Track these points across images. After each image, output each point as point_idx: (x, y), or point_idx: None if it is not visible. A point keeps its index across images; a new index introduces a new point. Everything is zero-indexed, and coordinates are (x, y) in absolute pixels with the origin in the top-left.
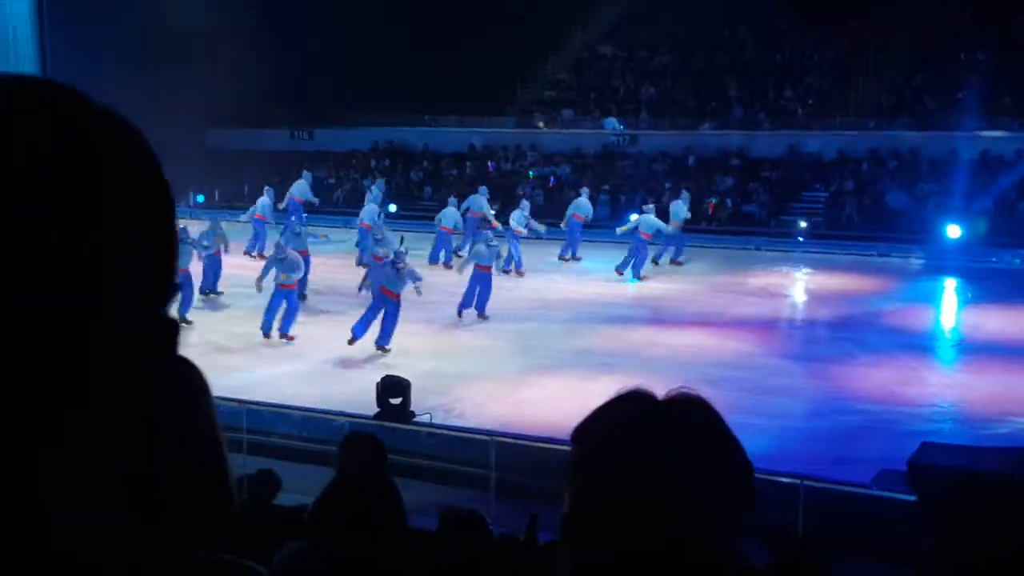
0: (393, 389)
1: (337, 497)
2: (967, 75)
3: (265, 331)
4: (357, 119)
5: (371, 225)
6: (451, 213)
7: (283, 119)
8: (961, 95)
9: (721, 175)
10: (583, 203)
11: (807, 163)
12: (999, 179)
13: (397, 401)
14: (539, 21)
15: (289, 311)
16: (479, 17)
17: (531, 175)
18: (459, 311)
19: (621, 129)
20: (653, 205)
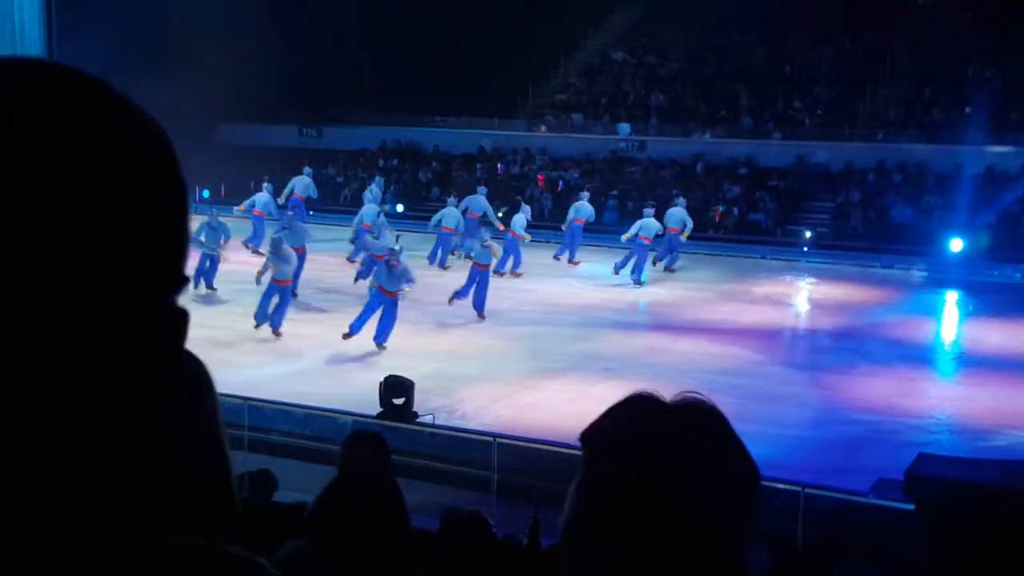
0: (396, 389)
1: (339, 496)
2: (976, 90)
3: (258, 321)
4: (366, 118)
5: (371, 225)
6: (452, 213)
7: (292, 116)
8: (969, 110)
9: (729, 183)
10: (584, 206)
11: (814, 174)
12: (1003, 194)
13: (400, 401)
14: (552, 26)
15: (280, 306)
16: (491, 20)
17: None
18: (451, 299)
19: (629, 133)
20: (653, 209)
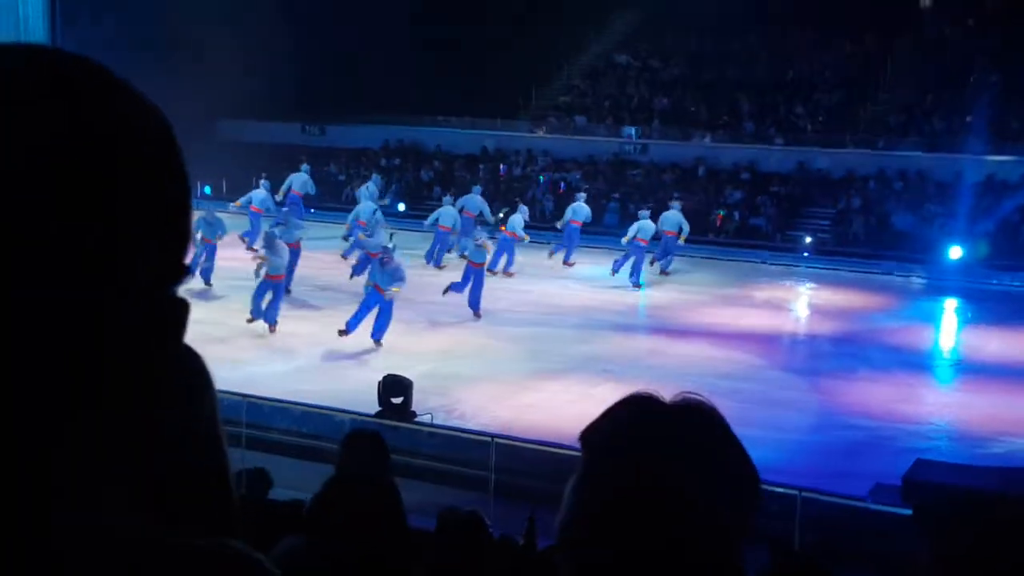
0: (395, 388)
1: (337, 494)
2: (977, 99)
3: (254, 316)
4: (369, 117)
5: (366, 222)
6: (449, 212)
7: (295, 113)
8: (970, 118)
9: (731, 188)
10: (581, 207)
11: (815, 179)
12: (1003, 202)
13: (398, 400)
14: (555, 27)
15: (273, 301)
16: (495, 21)
17: (541, 179)
18: (445, 290)
19: (633, 136)
20: (649, 211)
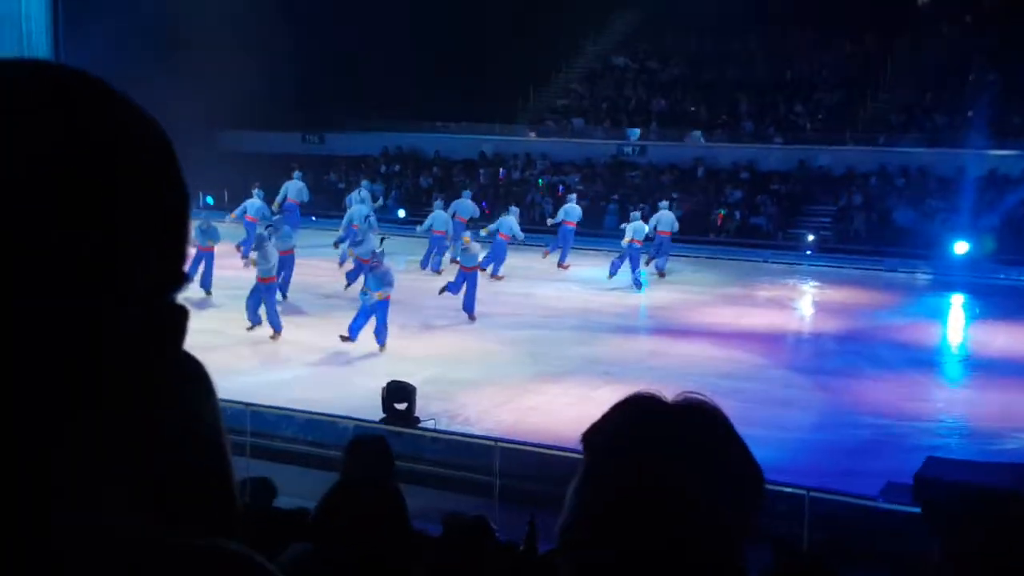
0: (398, 394)
1: (342, 500)
2: (977, 94)
3: (252, 322)
4: (368, 124)
5: (359, 227)
6: (441, 216)
7: (295, 122)
8: (970, 114)
9: (730, 188)
10: (574, 208)
11: (816, 177)
12: (1007, 197)
13: (402, 406)
14: (552, 31)
15: (269, 306)
16: (492, 25)
17: (540, 183)
18: (441, 291)
19: (636, 138)
20: (640, 212)
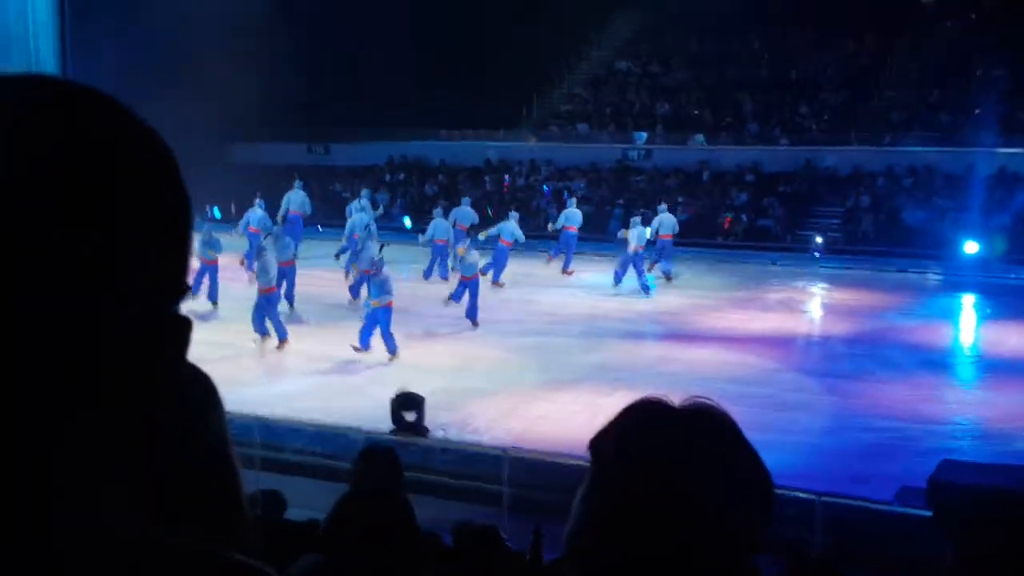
0: (407, 404)
1: (352, 511)
2: (983, 91)
3: (260, 334)
4: (373, 134)
5: (360, 235)
6: (442, 224)
7: (300, 134)
8: (977, 111)
9: (736, 190)
10: (574, 213)
11: (823, 178)
12: (1017, 195)
13: (411, 416)
14: (555, 36)
15: (271, 316)
16: (495, 32)
17: (545, 188)
18: (447, 301)
19: (640, 141)
20: (640, 217)
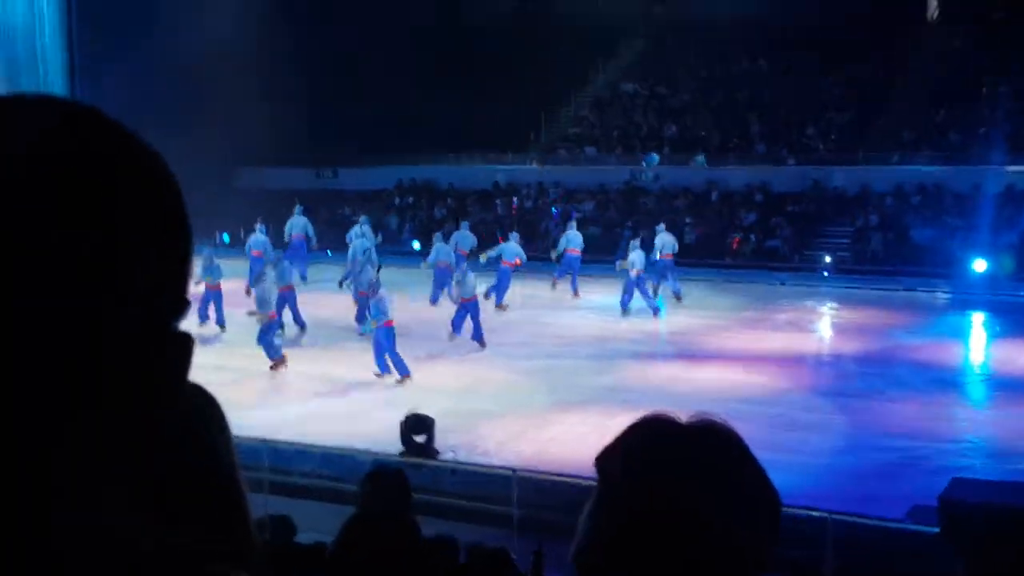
0: (417, 426)
1: (360, 534)
2: (990, 109)
3: (272, 357)
4: (382, 158)
5: (359, 260)
6: (444, 249)
7: (309, 158)
8: (984, 129)
9: (745, 211)
10: (575, 235)
11: (831, 198)
12: None
13: (421, 438)
14: (562, 60)
15: (265, 344)
16: (502, 56)
17: (554, 211)
18: (450, 336)
19: (653, 163)
20: (639, 240)
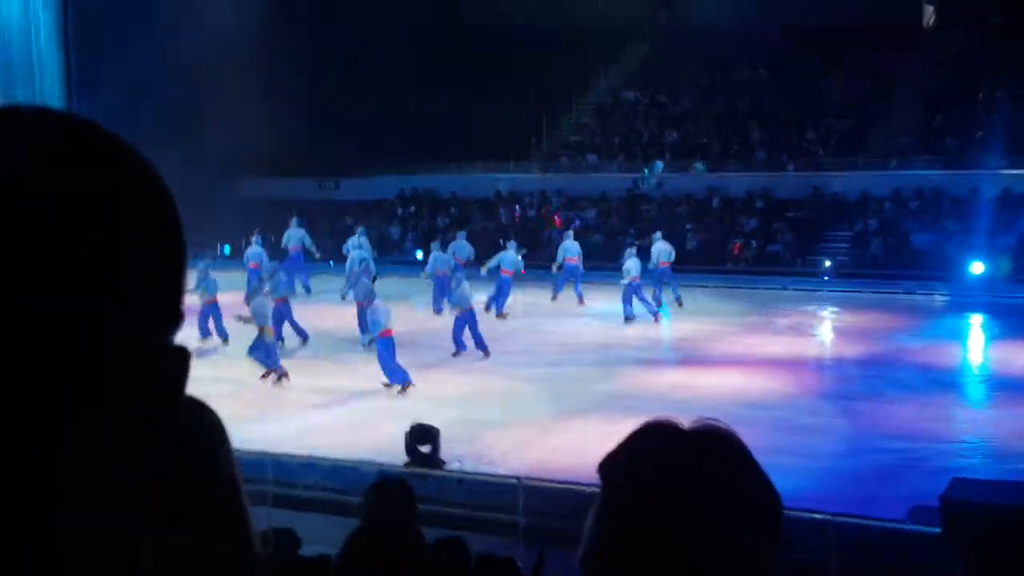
0: (422, 437)
1: (364, 546)
2: (987, 114)
3: (271, 368)
4: (383, 168)
5: (355, 271)
6: (442, 258)
7: (310, 169)
8: (981, 134)
9: (746, 217)
10: (572, 245)
11: (831, 203)
12: (1021, 216)
13: (426, 449)
14: (563, 67)
15: (263, 350)
16: (504, 64)
17: (555, 219)
18: (454, 354)
19: (658, 170)
20: (635, 248)
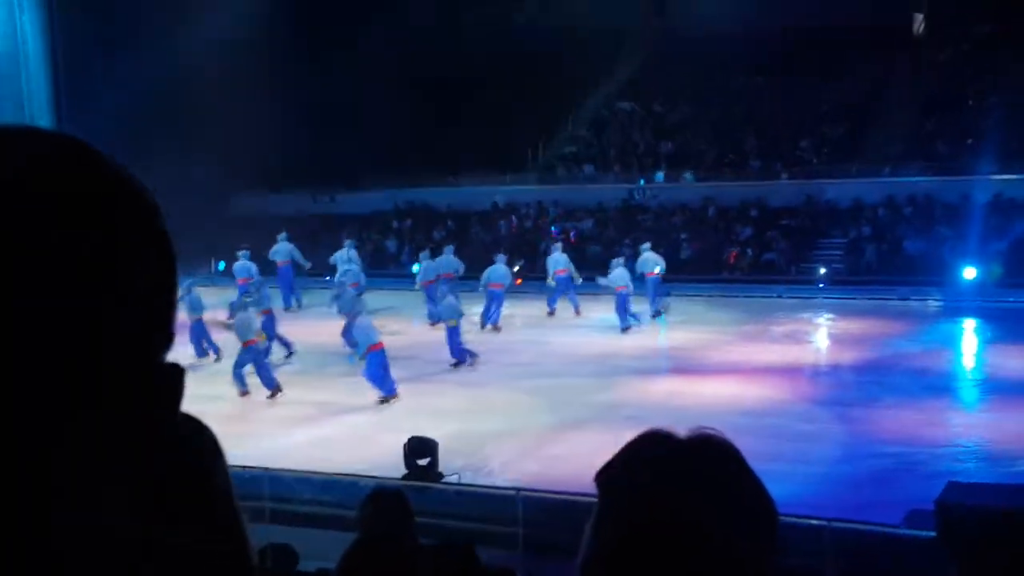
0: (420, 450)
1: (362, 559)
2: (978, 120)
3: (242, 389)
4: (379, 181)
5: (357, 283)
6: (432, 266)
7: (305, 183)
8: (972, 140)
9: (740, 225)
10: (560, 257)
11: (824, 211)
12: (1014, 221)
13: (424, 462)
14: (558, 79)
15: (259, 369)
16: (499, 76)
17: (553, 230)
18: (455, 365)
19: (658, 181)
20: (622, 258)
